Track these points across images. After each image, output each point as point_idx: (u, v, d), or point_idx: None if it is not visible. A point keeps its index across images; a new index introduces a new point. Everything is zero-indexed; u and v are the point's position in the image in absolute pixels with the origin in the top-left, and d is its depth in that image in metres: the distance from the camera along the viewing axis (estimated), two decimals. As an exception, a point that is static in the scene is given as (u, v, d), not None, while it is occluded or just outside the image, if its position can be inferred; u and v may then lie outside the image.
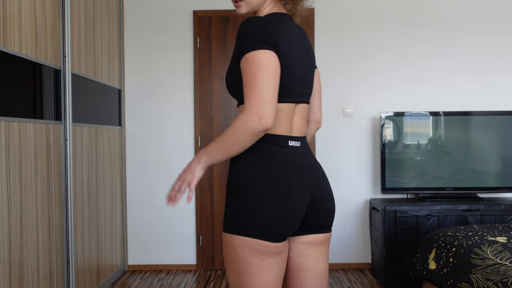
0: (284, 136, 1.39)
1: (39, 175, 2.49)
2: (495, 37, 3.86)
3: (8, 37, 2.21)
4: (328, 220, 1.49)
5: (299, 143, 1.43)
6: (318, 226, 1.46)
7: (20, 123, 2.30)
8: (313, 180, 1.43)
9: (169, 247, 3.91)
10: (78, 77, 2.95)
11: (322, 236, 1.47)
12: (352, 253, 3.89)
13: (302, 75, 1.42)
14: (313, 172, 1.44)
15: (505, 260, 2.27)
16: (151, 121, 3.91)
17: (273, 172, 1.34)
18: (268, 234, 1.31)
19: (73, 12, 2.90)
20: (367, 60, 3.87)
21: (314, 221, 1.45)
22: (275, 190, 1.33)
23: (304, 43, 1.46)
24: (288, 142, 1.39)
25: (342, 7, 3.88)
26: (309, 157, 1.45)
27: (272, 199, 1.31)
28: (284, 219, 1.32)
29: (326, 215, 1.47)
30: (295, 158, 1.39)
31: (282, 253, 1.37)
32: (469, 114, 3.62)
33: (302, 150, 1.43)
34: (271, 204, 1.31)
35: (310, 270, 1.47)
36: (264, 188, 1.32)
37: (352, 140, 3.88)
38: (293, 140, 1.41)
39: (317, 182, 1.44)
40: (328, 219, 1.48)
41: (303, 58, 1.43)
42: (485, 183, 3.60)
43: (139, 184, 3.91)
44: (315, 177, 1.44)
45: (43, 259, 2.52)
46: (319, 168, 1.48)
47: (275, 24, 1.34)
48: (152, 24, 3.90)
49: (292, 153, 1.39)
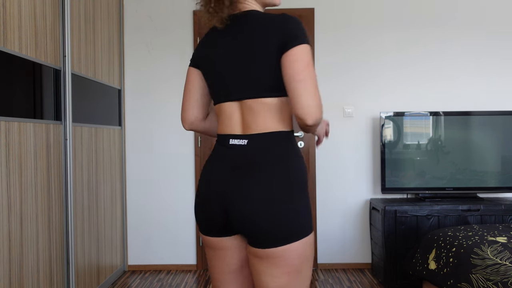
0: (226, 135, 1.42)
1: (39, 175, 2.49)
2: (495, 37, 3.86)
3: (8, 37, 2.21)
4: (253, 237, 1.33)
5: (245, 141, 1.37)
6: (249, 239, 1.35)
7: (20, 123, 2.30)
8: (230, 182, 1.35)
9: (169, 247, 3.91)
10: (78, 77, 2.95)
11: (259, 250, 1.33)
12: (352, 253, 3.89)
13: (231, 70, 1.39)
14: (239, 174, 1.34)
15: (505, 260, 2.27)
16: (151, 121, 3.91)
17: (204, 169, 1.46)
18: (199, 227, 1.47)
19: (73, 12, 2.90)
20: (367, 60, 3.87)
21: (241, 231, 1.37)
22: (199, 186, 1.45)
23: (242, 38, 1.38)
24: (229, 140, 1.40)
25: (342, 7, 3.88)
26: (249, 157, 1.35)
27: (197, 195, 1.46)
28: (198, 214, 1.44)
29: (250, 229, 1.32)
30: (229, 156, 1.39)
31: (218, 248, 1.43)
32: (469, 114, 3.62)
33: (247, 148, 1.36)
34: (196, 199, 1.46)
35: (257, 283, 1.39)
36: (199, 184, 1.47)
37: (352, 140, 3.88)
38: (236, 138, 1.39)
39: (236, 186, 1.34)
40: (253, 236, 1.33)
41: (233, 54, 1.39)
42: (485, 183, 3.60)
43: (139, 184, 3.91)
44: (236, 180, 1.34)
45: (43, 259, 2.52)
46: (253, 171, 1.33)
47: (203, 39, 1.52)
48: (152, 24, 3.90)
49: (229, 151, 1.39)
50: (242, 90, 1.38)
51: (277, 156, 1.34)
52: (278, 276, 1.32)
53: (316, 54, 3.86)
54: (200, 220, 1.44)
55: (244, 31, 1.38)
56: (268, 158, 1.34)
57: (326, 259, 3.89)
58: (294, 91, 1.28)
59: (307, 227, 1.33)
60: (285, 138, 1.38)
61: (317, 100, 1.28)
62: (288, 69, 1.30)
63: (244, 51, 1.37)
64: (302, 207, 1.33)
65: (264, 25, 1.36)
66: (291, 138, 1.40)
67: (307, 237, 1.33)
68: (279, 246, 1.30)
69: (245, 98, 1.38)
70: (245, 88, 1.38)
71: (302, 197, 1.34)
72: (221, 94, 1.43)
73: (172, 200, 3.90)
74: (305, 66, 1.29)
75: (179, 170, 3.89)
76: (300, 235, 1.31)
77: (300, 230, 1.32)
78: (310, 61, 1.31)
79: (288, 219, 1.30)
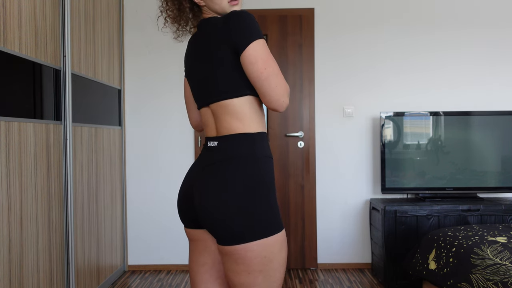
0: (206, 137, 1.51)
1: (39, 175, 2.49)
2: (495, 37, 3.86)
3: (8, 37, 2.21)
4: (211, 233, 1.39)
5: (216, 142, 1.44)
6: (213, 234, 1.40)
7: (20, 123, 2.30)
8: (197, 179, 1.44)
9: (169, 247, 3.91)
10: (78, 77, 2.95)
11: (220, 247, 1.39)
12: (352, 253, 3.89)
13: (199, 77, 1.48)
14: (204, 172, 1.42)
15: (505, 260, 2.27)
16: (151, 121, 3.91)
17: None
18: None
19: (73, 12, 2.90)
20: (367, 60, 3.87)
21: (202, 225, 1.45)
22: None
23: (203, 43, 1.45)
24: (208, 143, 1.48)
25: (342, 7, 3.88)
26: (215, 157, 1.41)
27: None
28: (178, 206, 1.54)
29: (207, 224, 1.39)
30: (203, 158, 1.47)
31: (193, 240, 1.52)
32: (469, 114, 3.62)
33: (216, 149, 1.43)
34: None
35: (226, 278, 1.44)
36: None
37: (352, 140, 3.88)
38: (211, 140, 1.46)
39: (199, 183, 1.42)
40: (211, 232, 1.39)
41: (198, 61, 1.49)
42: (485, 183, 3.60)
43: (139, 184, 3.91)
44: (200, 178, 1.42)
45: (43, 259, 2.52)
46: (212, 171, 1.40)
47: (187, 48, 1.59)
48: (152, 24, 3.90)
49: (206, 152, 1.47)
50: (206, 96, 1.46)
51: (238, 158, 1.38)
52: (240, 273, 1.36)
53: (316, 54, 3.86)
54: (178, 211, 1.55)
55: (205, 38, 1.46)
56: (228, 159, 1.38)
57: (326, 259, 3.89)
58: (260, 89, 1.37)
59: (268, 228, 1.35)
60: (247, 140, 1.40)
61: (282, 90, 1.37)
62: (248, 71, 1.37)
63: (203, 58, 1.45)
64: (260, 208, 1.34)
65: (214, 30, 1.42)
66: (254, 140, 1.41)
67: (267, 238, 1.34)
68: (236, 244, 1.34)
69: (209, 103, 1.46)
70: (207, 93, 1.46)
71: (260, 199, 1.35)
72: (196, 100, 1.54)
73: (172, 200, 3.90)
74: (262, 64, 1.35)
75: (179, 170, 3.89)
76: (257, 236, 1.33)
77: (258, 230, 1.33)
78: (266, 56, 1.36)
79: (241, 219, 1.33)
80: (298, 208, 3.86)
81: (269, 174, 1.40)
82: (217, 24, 1.41)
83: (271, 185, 1.39)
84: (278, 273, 1.39)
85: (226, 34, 1.37)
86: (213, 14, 1.50)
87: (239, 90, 1.40)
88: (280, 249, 1.37)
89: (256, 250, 1.33)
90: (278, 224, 1.37)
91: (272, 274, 1.37)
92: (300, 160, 3.86)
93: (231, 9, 1.46)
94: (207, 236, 1.49)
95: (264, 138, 1.44)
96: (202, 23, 1.50)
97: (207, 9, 1.50)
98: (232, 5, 1.46)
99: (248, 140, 1.40)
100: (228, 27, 1.37)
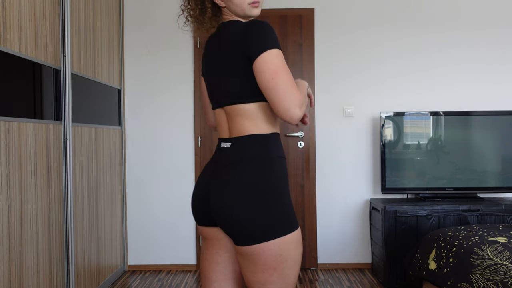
0: (219, 139, 1.54)
1: (39, 175, 2.49)
2: (495, 37, 3.86)
3: (8, 37, 2.21)
4: (226, 232, 1.42)
5: (229, 144, 1.46)
6: (229, 235, 1.42)
7: (20, 123, 2.30)
8: (212, 180, 1.46)
9: (169, 247, 3.91)
10: (78, 77, 2.95)
11: (236, 247, 1.41)
12: (352, 253, 3.89)
13: (216, 78, 1.50)
14: (219, 172, 1.45)
15: (505, 260, 2.27)
16: (151, 121, 3.91)
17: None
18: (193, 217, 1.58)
19: (73, 12, 2.90)
20: (367, 60, 3.87)
21: (218, 225, 1.47)
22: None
23: (220, 46, 1.47)
24: (221, 144, 1.51)
25: (342, 7, 3.88)
26: (230, 159, 1.44)
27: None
28: (192, 204, 1.56)
29: (223, 225, 1.41)
30: (218, 158, 1.49)
31: (206, 238, 1.55)
32: (469, 114, 3.62)
33: (229, 150, 1.45)
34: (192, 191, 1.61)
35: (243, 277, 1.47)
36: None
37: (352, 140, 3.88)
38: (225, 141, 1.49)
39: (214, 183, 1.44)
40: (225, 231, 1.42)
41: (215, 62, 1.50)
42: (485, 183, 3.60)
43: (139, 184, 3.91)
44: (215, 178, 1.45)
45: (43, 259, 2.52)
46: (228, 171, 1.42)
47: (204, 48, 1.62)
48: (152, 24, 3.90)
49: (220, 153, 1.49)
50: (221, 97, 1.49)
51: (252, 158, 1.41)
52: (255, 272, 1.39)
53: (316, 54, 3.86)
54: (192, 209, 1.56)
55: (222, 42, 1.47)
56: (242, 160, 1.41)
57: (326, 259, 3.89)
58: (269, 99, 1.36)
59: (284, 227, 1.37)
60: (260, 141, 1.43)
61: (292, 101, 1.34)
62: (258, 79, 1.37)
63: (219, 61, 1.48)
64: (275, 207, 1.36)
65: (232, 36, 1.44)
66: (268, 140, 1.44)
67: (284, 236, 1.36)
68: (250, 244, 1.36)
69: (224, 105, 1.48)
70: (221, 96, 1.48)
71: (275, 198, 1.37)
72: (211, 101, 1.56)
73: (172, 200, 3.90)
74: (272, 74, 1.34)
75: (179, 170, 3.89)
76: (274, 235, 1.35)
77: (274, 230, 1.35)
78: (276, 66, 1.35)
79: (258, 219, 1.35)
80: (298, 208, 3.86)
81: (283, 174, 1.43)
82: (236, 30, 1.43)
83: (285, 184, 1.42)
84: (293, 271, 1.42)
85: (243, 41, 1.39)
86: (233, 16, 1.51)
87: (253, 96, 1.42)
88: (296, 247, 1.40)
89: (273, 249, 1.36)
90: (294, 222, 1.40)
91: (288, 272, 1.40)
92: (300, 160, 3.86)
93: (251, 11, 1.48)
94: (222, 235, 1.51)
95: (277, 139, 1.47)
96: (222, 27, 1.52)
97: (227, 11, 1.51)
98: (253, 7, 1.48)
99: (261, 141, 1.43)
100: (245, 35, 1.39)
